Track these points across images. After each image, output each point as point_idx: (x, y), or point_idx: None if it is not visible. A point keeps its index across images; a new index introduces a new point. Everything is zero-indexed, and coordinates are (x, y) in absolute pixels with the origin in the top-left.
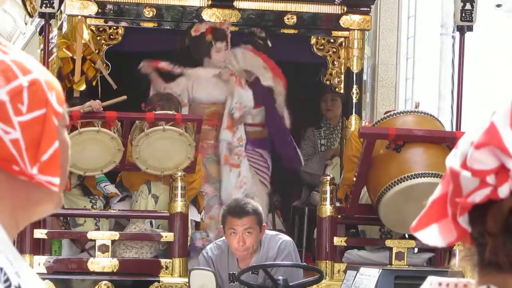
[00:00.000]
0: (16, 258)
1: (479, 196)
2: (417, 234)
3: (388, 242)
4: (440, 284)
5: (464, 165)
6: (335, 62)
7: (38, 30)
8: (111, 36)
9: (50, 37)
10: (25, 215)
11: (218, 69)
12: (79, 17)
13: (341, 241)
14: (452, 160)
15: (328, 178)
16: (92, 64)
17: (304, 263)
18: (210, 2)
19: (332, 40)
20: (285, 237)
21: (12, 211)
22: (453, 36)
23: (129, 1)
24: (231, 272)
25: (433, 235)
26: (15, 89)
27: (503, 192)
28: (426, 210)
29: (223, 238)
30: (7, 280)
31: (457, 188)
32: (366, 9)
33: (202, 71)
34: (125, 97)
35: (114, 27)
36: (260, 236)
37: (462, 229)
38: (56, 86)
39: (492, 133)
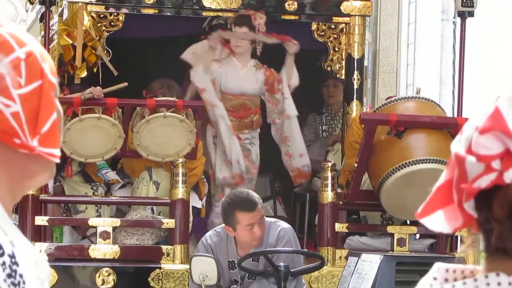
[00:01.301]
0: (12, 229)
1: (484, 182)
2: (422, 220)
3: (390, 228)
4: (447, 271)
5: (469, 151)
6: (336, 48)
7: (38, 17)
8: (112, 23)
9: (50, 24)
10: (21, 187)
11: (243, 57)
12: (80, 3)
13: (343, 227)
14: (457, 146)
15: (330, 164)
16: (93, 51)
17: (306, 250)
18: None
19: (333, 26)
20: (284, 224)
21: (9, 184)
22: (454, 22)
23: None
24: (230, 260)
25: (438, 221)
26: (13, 61)
27: (508, 177)
28: (432, 196)
29: (223, 224)
30: (0, 247)
31: (463, 173)
32: None
33: (236, 60)
34: (126, 83)
35: (115, 14)
36: (265, 226)
37: (468, 215)
38: (47, 57)
39: (497, 118)
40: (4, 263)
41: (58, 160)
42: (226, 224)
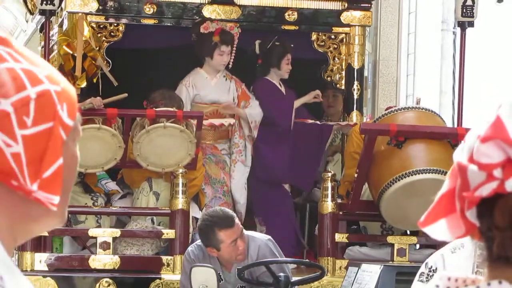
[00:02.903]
0: (13, 275)
1: (486, 190)
2: (425, 229)
3: (390, 239)
4: (449, 279)
5: (471, 159)
6: (336, 58)
7: (39, 27)
8: (112, 33)
9: (50, 34)
10: (23, 230)
11: (217, 72)
12: (80, 14)
13: (343, 238)
14: (460, 155)
15: (330, 174)
16: (93, 61)
17: (306, 260)
18: None
19: (333, 36)
20: (262, 237)
21: (10, 226)
22: (454, 32)
23: None
24: (218, 272)
25: (441, 230)
26: (21, 100)
27: (510, 185)
28: (434, 205)
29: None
30: None
31: (465, 182)
32: (366, 5)
33: (203, 71)
34: (125, 94)
35: (115, 24)
36: (245, 240)
37: (470, 224)
38: (69, 96)
39: (498, 126)
40: None
41: (55, 208)
42: (208, 246)
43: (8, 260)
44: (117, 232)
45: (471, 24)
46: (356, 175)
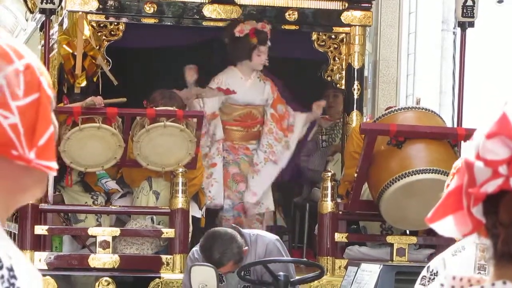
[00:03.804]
0: (6, 242)
1: (491, 187)
2: (432, 226)
3: (389, 238)
4: (454, 278)
5: (477, 156)
6: (336, 58)
7: (39, 26)
8: (112, 32)
9: (50, 33)
10: (15, 200)
11: (252, 72)
12: (80, 13)
13: (342, 237)
14: (468, 152)
15: (329, 174)
16: (93, 60)
17: (305, 259)
18: None
19: (333, 36)
20: (271, 236)
21: (3, 196)
22: (454, 32)
23: None
24: (218, 273)
25: (448, 227)
26: (11, 73)
27: None
28: (442, 202)
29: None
30: None
31: (471, 179)
32: (367, 5)
33: (238, 71)
34: (124, 99)
35: (115, 23)
36: (244, 259)
37: (477, 221)
38: (44, 71)
39: (504, 123)
40: (2, 276)
41: (55, 173)
42: None
43: (3, 233)
44: (116, 231)
45: (471, 25)
46: (356, 175)
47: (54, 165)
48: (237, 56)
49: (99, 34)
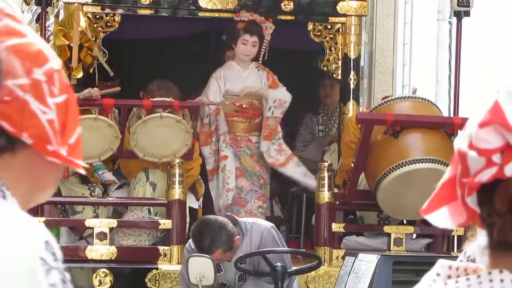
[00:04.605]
0: None
1: (486, 176)
2: (427, 217)
3: (387, 228)
4: (450, 267)
5: (471, 146)
6: (332, 48)
7: (35, 17)
8: (108, 24)
9: (46, 25)
10: (34, 198)
11: (249, 63)
12: (76, 4)
13: (339, 227)
14: (460, 142)
15: (326, 164)
16: (89, 52)
17: (303, 250)
18: None
19: (329, 26)
20: (266, 223)
21: (25, 195)
22: (450, 22)
23: None
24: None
25: (443, 218)
26: (49, 70)
27: (509, 170)
28: (436, 193)
29: None
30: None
31: (465, 168)
32: None
33: (235, 64)
34: (118, 88)
35: (111, 15)
36: (235, 248)
37: (472, 211)
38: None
39: (496, 112)
40: (58, 268)
41: (84, 172)
42: None
43: None
44: (114, 222)
45: (467, 14)
46: (352, 165)
47: (83, 163)
48: (228, 39)
49: (95, 25)
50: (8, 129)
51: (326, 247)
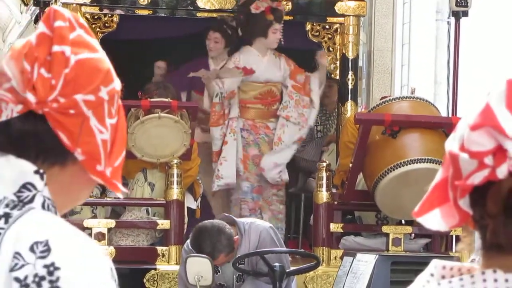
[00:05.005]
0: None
1: (478, 178)
2: (419, 219)
3: (385, 228)
4: (444, 267)
5: (462, 148)
6: (331, 49)
7: (33, 18)
8: (106, 24)
9: None
10: (62, 211)
11: (267, 50)
12: (74, 5)
13: (338, 228)
14: (451, 144)
15: (324, 164)
16: None
17: (301, 250)
18: None
19: (327, 26)
20: (264, 223)
21: (59, 206)
22: (448, 22)
23: None
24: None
25: (435, 220)
26: (112, 90)
27: (501, 172)
28: (428, 195)
29: None
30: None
31: (457, 171)
32: None
33: (254, 50)
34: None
35: (109, 15)
36: (236, 248)
37: (464, 212)
38: None
39: (488, 114)
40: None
41: (121, 196)
42: None
43: None
44: (112, 222)
45: (465, 14)
46: (351, 165)
47: (122, 187)
48: (253, 33)
49: (93, 26)
50: (65, 142)
51: (324, 247)
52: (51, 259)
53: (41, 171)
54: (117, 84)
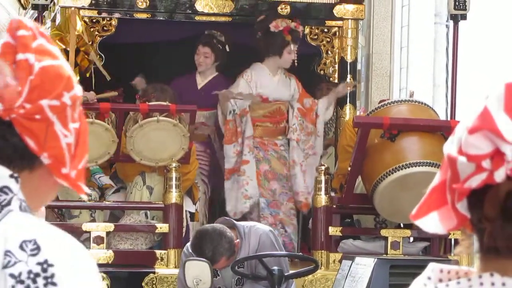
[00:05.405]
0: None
1: (475, 181)
2: (417, 222)
3: (383, 232)
4: (441, 271)
5: (460, 151)
6: (329, 52)
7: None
8: (105, 28)
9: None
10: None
11: (278, 69)
12: (72, 8)
13: (336, 231)
14: (450, 147)
15: (323, 168)
16: (86, 56)
17: (300, 253)
18: None
19: (325, 30)
20: (264, 227)
21: (34, 210)
22: (447, 25)
23: None
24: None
25: (433, 223)
26: (74, 96)
27: (499, 176)
28: (426, 198)
29: None
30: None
31: (455, 174)
32: None
33: (266, 68)
34: (116, 93)
35: (108, 19)
36: (237, 252)
37: (462, 216)
38: None
39: (485, 117)
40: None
41: (86, 197)
42: None
43: None
44: (110, 226)
45: (463, 17)
46: (349, 169)
47: (87, 189)
48: (268, 51)
49: (91, 29)
50: (32, 146)
51: (323, 251)
52: (43, 256)
53: (15, 175)
54: (78, 89)
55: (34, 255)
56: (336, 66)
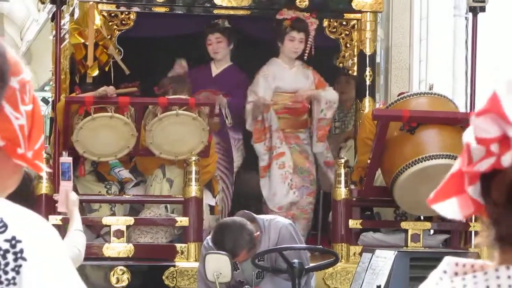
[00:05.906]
0: None
1: (485, 165)
2: (434, 207)
3: (404, 224)
4: (456, 264)
5: (474, 137)
6: (348, 45)
7: (50, 16)
8: (123, 22)
9: (62, 23)
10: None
11: (293, 61)
12: (91, 2)
13: (356, 224)
14: (468, 135)
15: (343, 160)
16: (105, 50)
17: (320, 246)
18: None
19: (344, 23)
20: (284, 220)
21: None
22: (466, 17)
23: None
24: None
25: (450, 208)
26: (22, 80)
27: (506, 161)
28: (444, 183)
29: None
30: None
31: (469, 159)
32: None
33: (280, 61)
34: (135, 89)
35: (126, 13)
36: (258, 244)
37: (477, 202)
38: None
39: (494, 102)
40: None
41: (44, 174)
42: None
43: None
44: (131, 220)
45: (482, 9)
46: (369, 161)
47: (45, 167)
48: (275, 38)
49: (110, 23)
50: None
51: (343, 244)
52: (11, 233)
53: None
54: (27, 74)
55: (1, 232)
56: (355, 59)
